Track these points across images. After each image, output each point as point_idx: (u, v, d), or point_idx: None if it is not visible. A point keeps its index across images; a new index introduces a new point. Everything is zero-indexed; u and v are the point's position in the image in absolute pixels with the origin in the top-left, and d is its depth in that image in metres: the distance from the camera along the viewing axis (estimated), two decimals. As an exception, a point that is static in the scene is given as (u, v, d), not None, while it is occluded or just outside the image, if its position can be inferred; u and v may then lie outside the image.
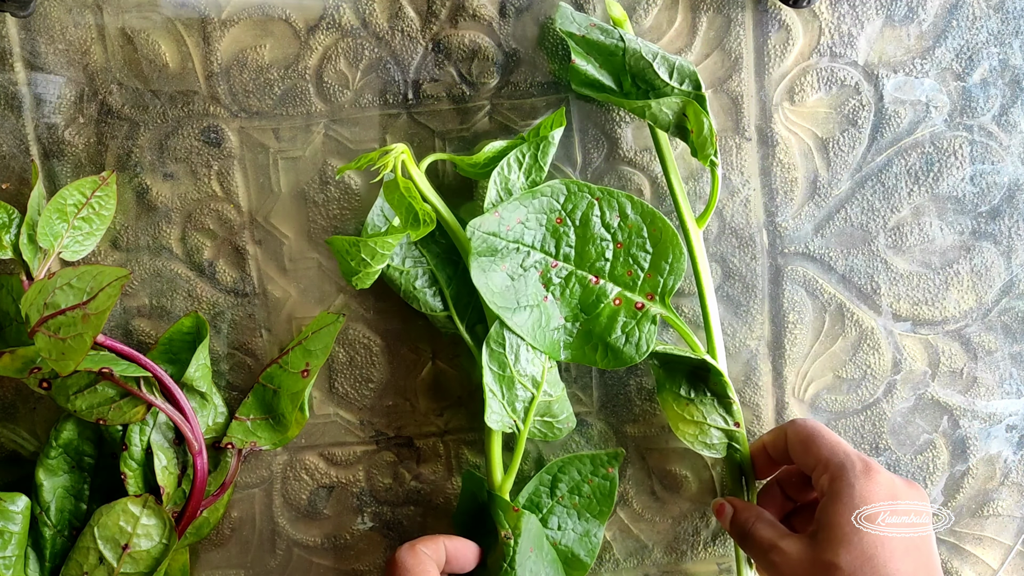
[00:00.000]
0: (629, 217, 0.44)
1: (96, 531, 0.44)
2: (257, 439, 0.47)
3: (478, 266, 0.43)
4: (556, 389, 0.45)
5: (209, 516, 0.48)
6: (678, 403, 0.47)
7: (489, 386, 0.43)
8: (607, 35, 0.43)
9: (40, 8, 0.46)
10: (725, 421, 0.46)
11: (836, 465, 0.41)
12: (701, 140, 0.42)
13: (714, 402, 0.46)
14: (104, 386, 0.44)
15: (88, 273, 0.41)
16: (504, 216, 0.43)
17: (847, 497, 0.40)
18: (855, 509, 0.39)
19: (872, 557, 0.38)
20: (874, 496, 0.39)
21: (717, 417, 0.46)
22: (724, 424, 0.46)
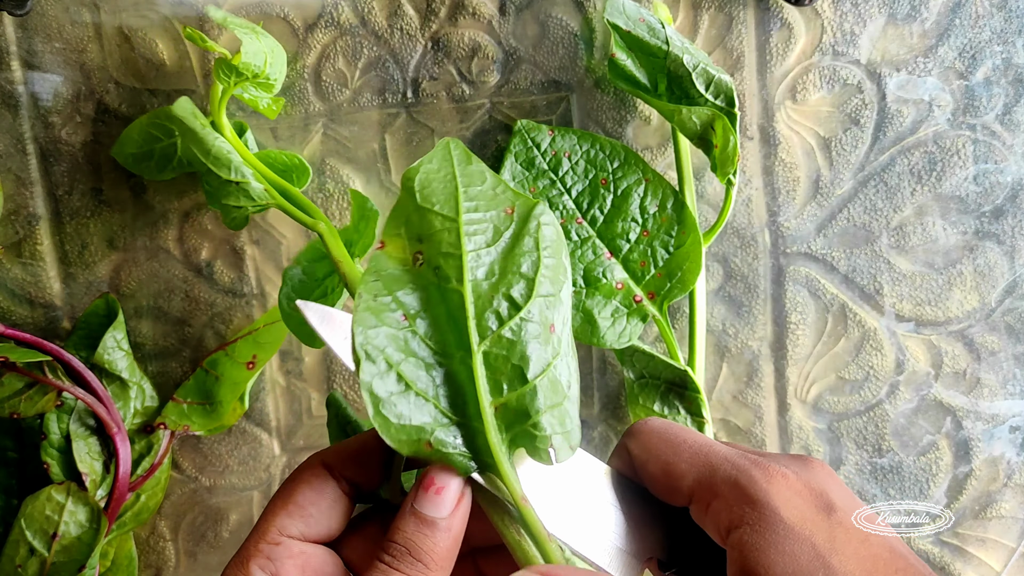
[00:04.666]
0: (667, 211, 0.44)
1: (23, 523, 0.44)
2: (191, 423, 0.47)
3: (508, 170, 0.43)
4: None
5: (148, 501, 0.47)
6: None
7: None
8: (653, 34, 0.43)
9: (37, 7, 0.46)
10: None
11: (729, 483, 0.29)
12: (724, 156, 0.42)
13: (687, 421, 0.46)
14: (10, 378, 0.44)
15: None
16: (557, 139, 0.43)
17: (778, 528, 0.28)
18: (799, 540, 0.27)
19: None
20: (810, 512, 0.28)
21: None
22: None
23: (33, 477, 0.47)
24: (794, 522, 0.27)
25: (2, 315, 0.48)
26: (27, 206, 0.48)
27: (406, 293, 0.29)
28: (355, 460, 0.33)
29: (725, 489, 0.29)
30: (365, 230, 0.43)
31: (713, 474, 0.29)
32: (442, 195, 0.30)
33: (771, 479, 0.28)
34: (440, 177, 0.30)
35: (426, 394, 0.29)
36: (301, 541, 0.32)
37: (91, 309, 0.47)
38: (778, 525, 0.27)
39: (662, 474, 0.31)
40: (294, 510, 0.32)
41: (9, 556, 0.44)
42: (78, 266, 0.48)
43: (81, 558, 0.44)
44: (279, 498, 0.32)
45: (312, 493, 0.32)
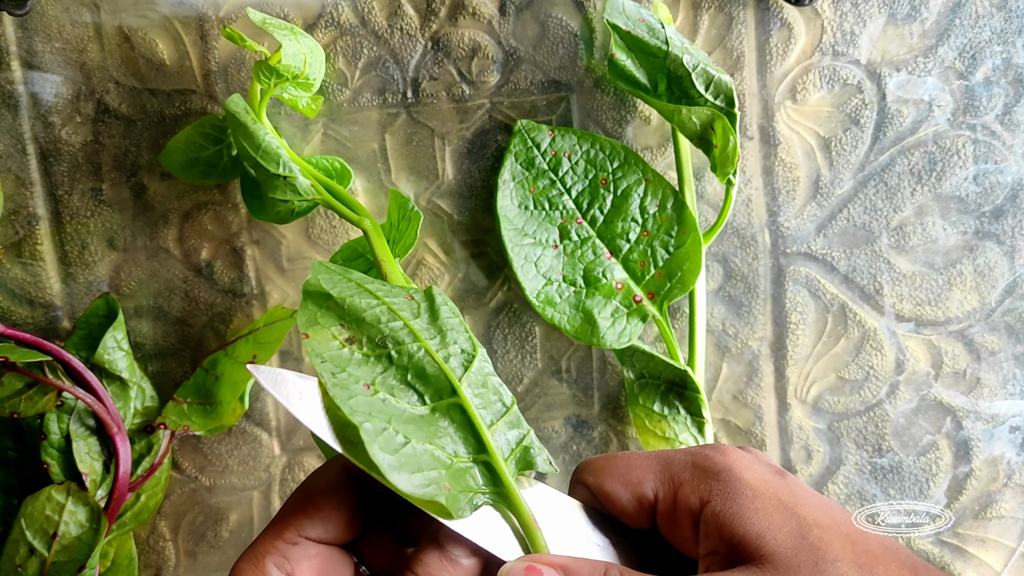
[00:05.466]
0: (667, 211, 0.44)
1: (23, 523, 0.44)
2: (191, 423, 0.47)
3: (508, 170, 0.44)
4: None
5: (148, 500, 0.47)
6: (650, 418, 0.46)
7: None
8: (653, 34, 0.43)
9: (37, 7, 0.46)
10: (696, 440, 0.46)
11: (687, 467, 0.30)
12: (724, 156, 0.42)
13: (687, 420, 0.46)
14: (10, 378, 0.44)
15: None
16: (557, 139, 0.43)
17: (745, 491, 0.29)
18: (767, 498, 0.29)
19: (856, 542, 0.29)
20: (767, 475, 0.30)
21: (688, 436, 0.46)
22: (695, 443, 0.46)
23: (33, 477, 0.46)
24: (757, 484, 0.29)
25: (2, 315, 0.48)
26: (27, 206, 0.48)
27: (356, 368, 0.31)
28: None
29: (686, 475, 0.30)
30: (407, 230, 0.43)
31: (669, 467, 0.31)
32: (351, 289, 0.33)
33: (726, 454, 0.30)
34: (338, 279, 0.33)
35: (426, 444, 0.30)
36: (318, 543, 0.32)
37: (91, 309, 0.47)
38: (745, 489, 0.29)
39: (623, 487, 0.31)
40: (315, 513, 0.31)
41: (9, 556, 0.44)
42: (78, 266, 0.48)
43: (81, 558, 0.44)
44: (299, 499, 0.32)
45: (334, 499, 0.32)
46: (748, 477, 0.29)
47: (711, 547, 0.29)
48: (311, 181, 0.42)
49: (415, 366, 0.31)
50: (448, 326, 0.33)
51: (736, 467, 0.30)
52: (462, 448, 0.31)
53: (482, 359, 0.33)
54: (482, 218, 0.48)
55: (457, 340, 0.33)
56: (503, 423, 0.32)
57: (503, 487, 0.31)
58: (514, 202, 0.45)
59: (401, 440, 0.30)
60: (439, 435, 0.31)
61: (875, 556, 0.28)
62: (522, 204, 0.45)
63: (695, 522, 0.30)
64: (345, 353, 0.31)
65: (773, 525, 0.28)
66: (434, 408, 0.31)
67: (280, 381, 0.31)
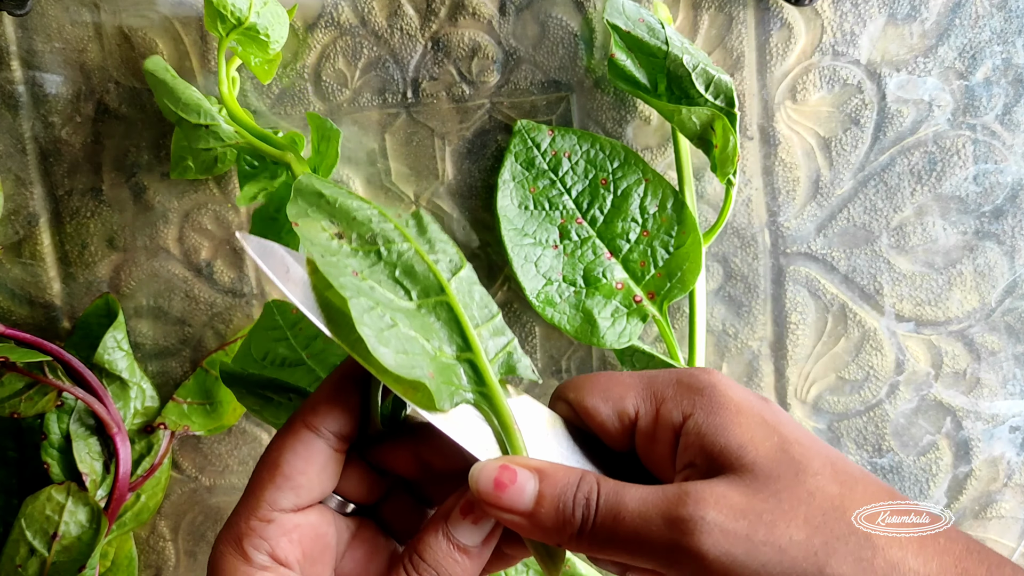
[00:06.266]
0: (667, 211, 0.44)
1: (23, 523, 0.44)
2: (191, 423, 0.47)
3: (508, 170, 0.44)
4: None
5: (148, 501, 0.47)
6: None
7: None
8: (652, 35, 0.43)
9: (37, 7, 0.46)
10: None
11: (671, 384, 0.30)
12: (724, 156, 0.42)
13: None
14: (10, 378, 0.44)
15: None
16: (557, 139, 0.44)
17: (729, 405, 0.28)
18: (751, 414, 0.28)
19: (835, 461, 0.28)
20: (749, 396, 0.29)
21: None
22: None
23: (33, 477, 0.46)
24: (741, 401, 0.29)
25: (2, 315, 0.48)
26: (27, 206, 0.48)
27: (345, 258, 0.31)
28: (333, 412, 0.31)
29: (670, 391, 0.29)
30: (327, 151, 0.43)
31: (652, 384, 0.30)
32: (342, 193, 0.32)
33: (709, 372, 0.30)
34: (329, 185, 0.33)
35: (412, 331, 0.30)
36: (293, 513, 0.31)
37: (91, 309, 0.47)
38: (729, 403, 0.28)
39: (603, 402, 0.30)
40: (282, 482, 0.30)
41: (9, 556, 0.44)
42: (78, 266, 0.48)
43: (81, 558, 0.44)
44: (264, 470, 0.30)
45: (299, 461, 0.30)
46: (732, 394, 0.29)
47: (689, 460, 0.28)
48: (234, 127, 0.42)
49: (404, 264, 0.31)
50: (436, 239, 0.32)
51: (720, 384, 0.29)
52: (447, 346, 0.31)
53: (469, 271, 0.32)
54: (482, 218, 0.48)
55: (445, 251, 0.32)
56: (488, 327, 0.32)
57: (486, 387, 0.31)
58: (514, 202, 0.45)
59: (388, 321, 0.29)
60: (425, 330, 0.30)
61: (854, 477, 0.28)
62: (522, 204, 0.45)
63: (675, 438, 0.29)
64: (334, 244, 0.31)
65: (756, 438, 0.28)
66: (420, 305, 0.31)
67: (268, 252, 0.31)
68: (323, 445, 0.31)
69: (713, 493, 0.26)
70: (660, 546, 0.27)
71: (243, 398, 0.37)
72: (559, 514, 0.28)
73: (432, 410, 0.30)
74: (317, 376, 0.39)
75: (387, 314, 0.29)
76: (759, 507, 0.26)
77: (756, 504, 0.26)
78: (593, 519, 0.28)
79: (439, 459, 0.32)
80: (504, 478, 0.28)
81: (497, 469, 0.29)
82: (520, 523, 0.29)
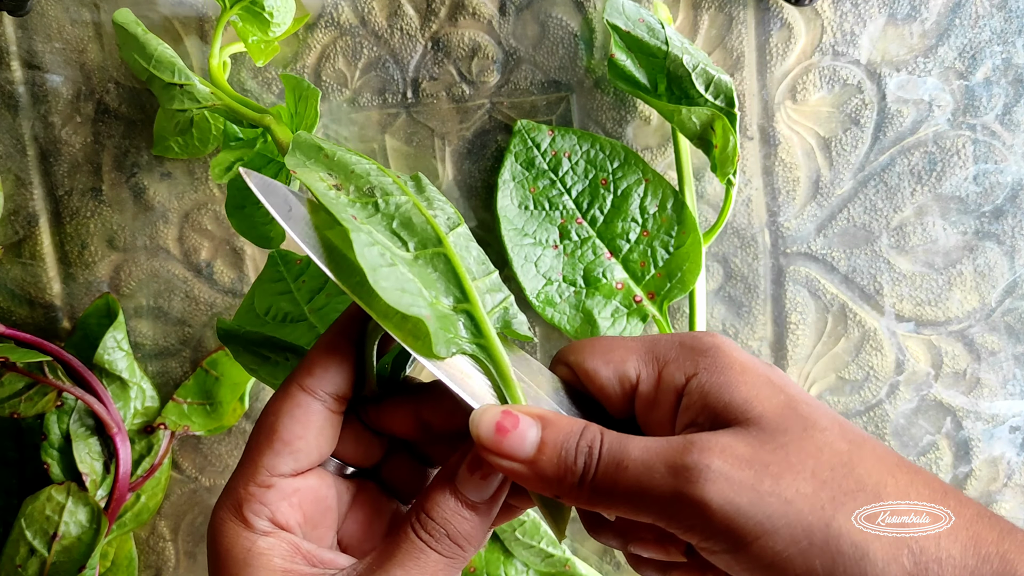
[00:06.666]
0: (667, 211, 0.44)
1: (24, 523, 0.44)
2: (191, 423, 0.47)
3: (508, 170, 0.44)
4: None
5: (148, 501, 0.47)
6: None
7: None
8: (652, 35, 0.43)
9: (37, 7, 0.46)
10: None
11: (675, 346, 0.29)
12: (724, 156, 0.42)
13: None
14: (10, 378, 0.44)
15: None
16: (557, 139, 0.44)
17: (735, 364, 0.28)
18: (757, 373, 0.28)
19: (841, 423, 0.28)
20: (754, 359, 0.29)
21: None
22: None
23: (33, 477, 0.46)
24: (746, 361, 0.28)
25: (2, 315, 0.48)
26: (27, 206, 0.48)
27: (344, 207, 0.30)
28: (329, 373, 0.30)
29: (673, 353, 0.29)
30: (305, 111, 0.42)
31: (655, 347, 0.29)
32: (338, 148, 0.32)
33: (714, 335, 0.29)
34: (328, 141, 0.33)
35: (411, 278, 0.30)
36: (293, 477, 0.30)
37: (91, 309, 0.47)
38: (734, 364, 0.28)
39: (604, 365, 0.29)
40: (281, 447, 0.30)
41: (9, 556, 0.44)
42: (78, 266, 0.48)
43: (81, 558, 0.44)
44: (262, 435, 0.30)
45: (297, 426, 0.30)
46: (737, 355, 0.28)
47: (691, 418, 0.28)
48: (210, 88, 0.41)
49: (402, 216, 0.31)
50: (434, 197, 0.32)
51: (724, 346, 0.28)
52: (444, 297, 0.30)
53: (466, 230, 0.32)
54: (482, 218, 0.48)
55: (444, 209, 0.32)
56: (485, 282, 0.31)
57: (484, 338, 0.30)
58: (514, 202, 0.45)
59: (389, 260, 0.29)
60: (423, 280, 0.30)
61: (862, 436, 0.27)
62: (522, 204, 0.45)
63: (677, 401, 0.28)
64: (332, 194, 0.30)
65: (761, 394, 0.27)
66: (418, 256, 0.31)
67: (272, 190, 0.31)
68: (320, 407, 0.30)
69: (719, 443, 0.26)
70: (663, 496, 0.26)
71: (239, 355, 0.37)
72: (560, 462, 0.27)
73: (431, 357, 0.29)
74: (318, 333, 0.39)
75: (387, 253, 0.29)
76: (766, 458, 0.26)
77: (763, 455, 0.26)
78: (595, 468, 0.27)
79: (439, 418, 0.32)
80: (506, 423, 0.28)
81: (499, 414, 0.28)
82: (520, 471, 0.28)
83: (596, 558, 0.51)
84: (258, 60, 0.44)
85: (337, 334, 0.31)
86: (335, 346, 0.31)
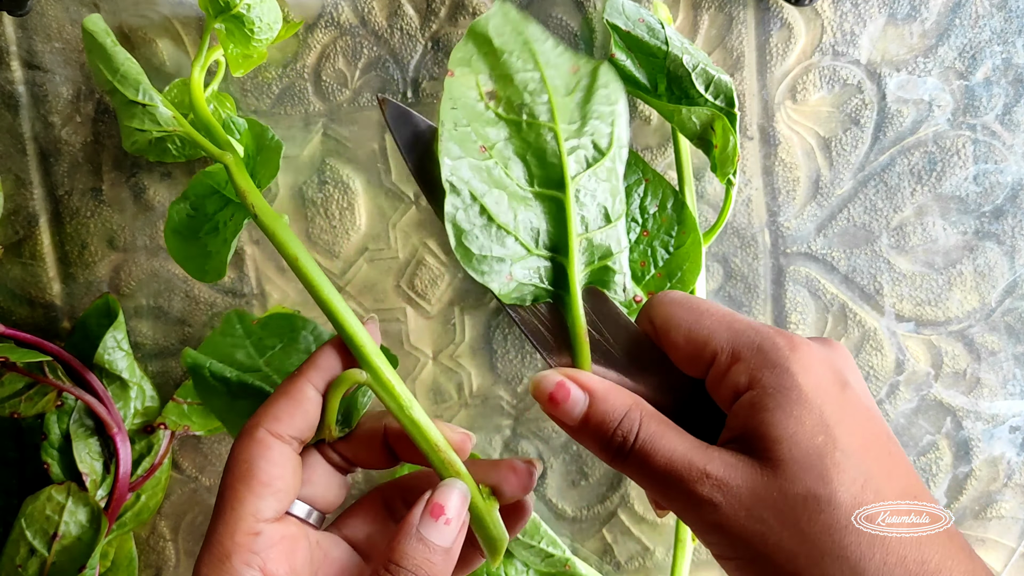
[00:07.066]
0: (667, 211, 0.44)
1: (24, 523, 0.44)
2: (191, 423, 0.47)
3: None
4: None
5: (148, 501, 0.47)
6: None
7: None
8: (652, 35, 0.43)
9: (37, 7, 0.46)
10: None
11: (752, 347, 0.29)
12: (724, 157, 0.42)
13: None
14: (10, 378, 0.44)
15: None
16: None
17: (791, 392, 0.28)
18: (809, 406, 0.27)
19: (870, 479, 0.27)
20: (821, 382, 0.28)
21: None
22: None
23: (33, 477, 0.47)
24: (808, 389, 0.28)
25: (2, 315, 0.48)
26: (27, 206, 0.48)
27: (483, 125, 0.31)
28: (295, 418, 0.31)
29: (748, 353, 0.29)
30: (267, 161, 0.41)
31: (736, 338, 0.29)
32: (516, 44, 0.31)
33: (795, 348, 0.29)
34: (509, 29, 0.32)
35: (508, 227, 0.30)
36: (278, 522, 0.31)
37: (91, 309, 0.47)
38: (792, 390, 0.28)
39: (684, 340, 0.30)
40: (262, 490, 0.30)
41: (9, 556, 0.44)
42: (78, 266, 0.48)
43: (81, 558, 0.44)
44: (240, 480, 0.30)
45: (274, 468, 0.30)
46: (802, 380, 0.28)
47: (733, 433, 0.29)
48: (172, 112, 0.40)
49: (538, 145, 0.30)
50: (595, 114, 0.31)
51: (795, 366, 0.28)
52: (545, 240, 0.31)
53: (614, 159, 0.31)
54: (482, 218, 0.48)
55: (596, 131, 0.31)
56: (598, 234, 0.31)
57: (568, 294, 0.31)
58: None
59: (481, 220, 0.30)
60: (522, 224, 0.30)
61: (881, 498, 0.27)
62: None
63: (734, 399, 0.29)
64: (479, 107, 0.31)
65: (799, 433, 0.27)
66: (537, 193, 0.31)
67: (403, 119, 0.33)
68: (289, 450, 0.31)
69: (734, 480, 0.27)
70: (677, 504, 0.28)
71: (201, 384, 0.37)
72: (600, 437, 0.29)
73: (510, 302, 0.30)
74: (274, 383, 0.38)
75: (488, 210, 0.30)
76: (771, 507, 0.27)
77: (771, 501, 0.27)
78: (629, 452, 0.29)
79: (404, 447, 0.33)
80: (558, 395, 0.30)
81: (554, 385, 0.30)
82: (569, 429, 0.30)
83: (596, 558, 0.51)
84: (236, 71, 0.44)
85: (302, 380, 0.32)
86: (299, 391, 0.32)
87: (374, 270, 0.48)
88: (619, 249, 0.31)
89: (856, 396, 0.29)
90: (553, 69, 0.32)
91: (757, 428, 0.28)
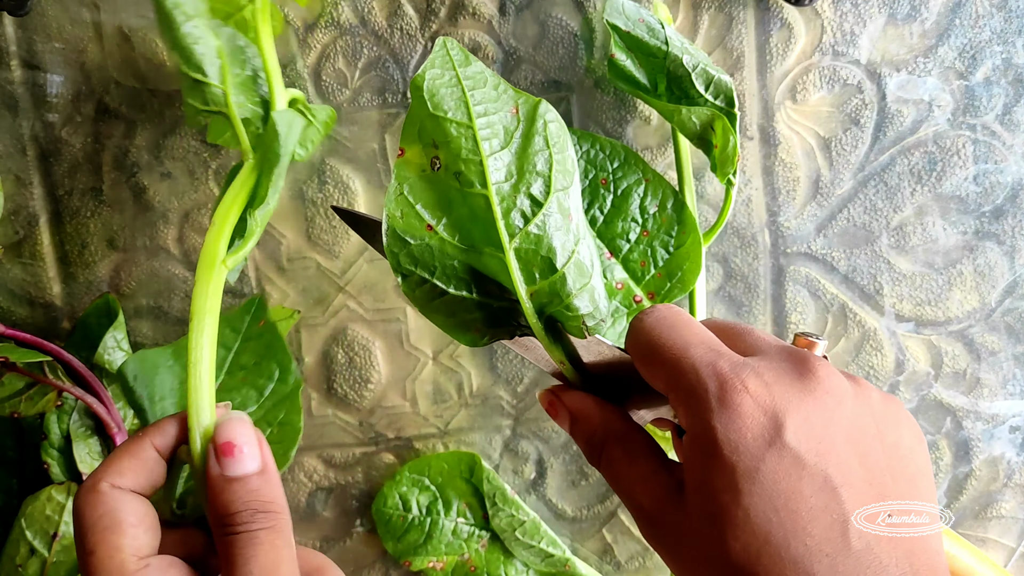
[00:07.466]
0: (667, 211, 0.44)
1: (24, 523, 0.44)
2: None
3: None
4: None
5: None
6: None
7: None
8: (652, 35, 0.43)
9: (37, 7, 0.46)
10: None
11: (683, 391, 0.29)
12: (724, 156, 0.42)
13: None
14: (10, 378, 0.44)
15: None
16: None
17: (708, 447, 0.27)
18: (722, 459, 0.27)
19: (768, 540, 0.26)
20: (743, 435, 0.27)
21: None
22: None
23: (33, 477, 0.46)
24: (725, 444, 0.27)
25: (2, 315, 0.48)
26: (27, 206, 0.48)
27: (432, 195, 0.32)
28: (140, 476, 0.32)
29: (683, 396, 0.29)
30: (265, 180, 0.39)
31: (679, 380, 0.29)
32: (451, 100, 0.31)
33: (725, 395, 0.28)
34: (445, 82, 0.32)
35: (462, 295, 0.32)
36: (157, 556, 0.31)
37: (91, 309, 0.47)
38: (708, 445, 0.27)
39: (645, 374, 0.31)
40: (134, 530, 0.30)
41: (9, 556, 0.44)
42: (78, 266, 0.48)
43: None
44: (108, 531, 0.30)
45: (135, 506, 0.31)
46: (722, 436, 0.27)
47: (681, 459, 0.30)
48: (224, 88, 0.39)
49: (477, 211, 0.31)
50: (533, 163, 0.31)
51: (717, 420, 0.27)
52: (501, 292, 0.33)
53: (556, 202, 0.32)
54: (482, 218, 0.48)
55: (532, 183, 0.31)
56: (546, 284, 0.32)
57: (534, 334, 0.33)
58: None
59: (436, 293, 0.32)
60: (475, 284, 0.32)
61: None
62: None
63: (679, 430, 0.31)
64: (428, 177, 0.32)
65: (707, 486, 0.27)
66: (483, 253, 0.32)
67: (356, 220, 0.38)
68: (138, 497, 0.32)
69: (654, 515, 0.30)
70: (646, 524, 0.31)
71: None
72: (584, 450, 0.33)
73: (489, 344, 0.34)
74: None
75: (441, 283, 0.32)
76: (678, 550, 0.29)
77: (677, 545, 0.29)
78: (601, 465, 0.32)
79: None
80: (550, 409, 0.34)
81: (546, 402, 0.34)
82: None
83: (596, 558, 0.51)
84: (303, 2, 0.44)
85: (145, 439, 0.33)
86: (142, 450, 0.33)
87: (374, 270, 0.48)
88: (569, 294, 0.32)
89: (789, 451, 0.27)
90: (494, 115, 0.32)
91: (684, 478, 0.29)
